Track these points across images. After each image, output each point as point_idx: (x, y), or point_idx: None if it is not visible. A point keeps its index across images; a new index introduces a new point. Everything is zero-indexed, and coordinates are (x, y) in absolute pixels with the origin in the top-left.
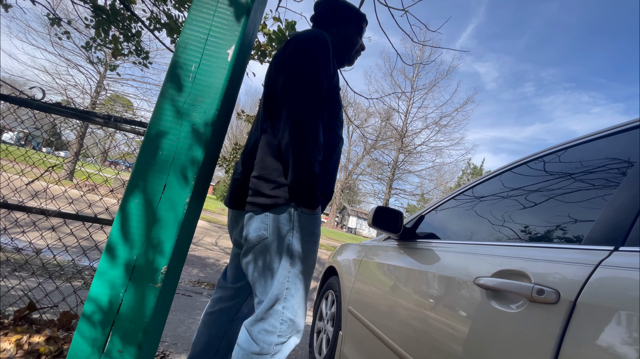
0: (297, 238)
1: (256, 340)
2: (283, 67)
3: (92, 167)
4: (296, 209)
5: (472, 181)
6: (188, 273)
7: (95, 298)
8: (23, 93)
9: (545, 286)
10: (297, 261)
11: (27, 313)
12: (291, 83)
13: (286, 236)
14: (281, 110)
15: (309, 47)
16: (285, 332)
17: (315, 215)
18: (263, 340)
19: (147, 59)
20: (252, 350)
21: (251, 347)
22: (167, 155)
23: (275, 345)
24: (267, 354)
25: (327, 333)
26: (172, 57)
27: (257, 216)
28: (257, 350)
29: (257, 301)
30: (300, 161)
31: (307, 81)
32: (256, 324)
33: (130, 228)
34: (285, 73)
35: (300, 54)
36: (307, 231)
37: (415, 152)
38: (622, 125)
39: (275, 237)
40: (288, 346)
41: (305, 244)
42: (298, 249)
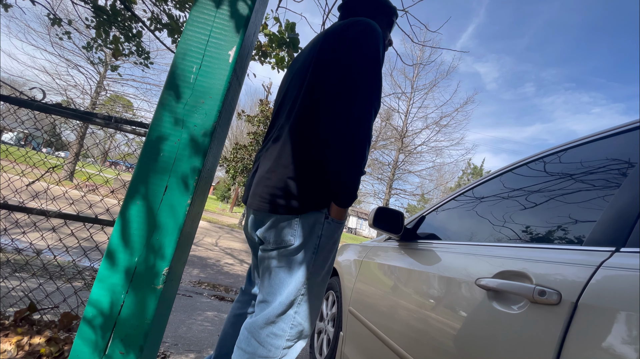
0: (322, 247)
1: (264, 343)
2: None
3: (92, 167)
4: (327, 217)
5: (473, 181)
6: (189, 274)
7: (95, 303)
8: (23, 94)
9: (546, 287)
10: (318, 268)
11: (28, 314)
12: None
13: (313, 244)
14: (332, 108)
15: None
16: (293, 336)
17: (342, 224)
18: (271, 343)
19: (148, 59)
20: (259, 353)
21: (257, 350)
22: (169, 157)
23: (282, 349)
24: (273, 358)
25: (327, 333)
26: (173, 58)
27: (286, 220)
28: (264, 353)
29: (262, 299)
30: (354, 168)
31: (374, 80)
32: (266, 327)
33: (130, 233)
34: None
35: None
36: (331, 239)
37: (416, 152)
38: (623, 126)
39: (301, 243)
40: (295, 350)
41: (328, 252)
42: (321, 257)
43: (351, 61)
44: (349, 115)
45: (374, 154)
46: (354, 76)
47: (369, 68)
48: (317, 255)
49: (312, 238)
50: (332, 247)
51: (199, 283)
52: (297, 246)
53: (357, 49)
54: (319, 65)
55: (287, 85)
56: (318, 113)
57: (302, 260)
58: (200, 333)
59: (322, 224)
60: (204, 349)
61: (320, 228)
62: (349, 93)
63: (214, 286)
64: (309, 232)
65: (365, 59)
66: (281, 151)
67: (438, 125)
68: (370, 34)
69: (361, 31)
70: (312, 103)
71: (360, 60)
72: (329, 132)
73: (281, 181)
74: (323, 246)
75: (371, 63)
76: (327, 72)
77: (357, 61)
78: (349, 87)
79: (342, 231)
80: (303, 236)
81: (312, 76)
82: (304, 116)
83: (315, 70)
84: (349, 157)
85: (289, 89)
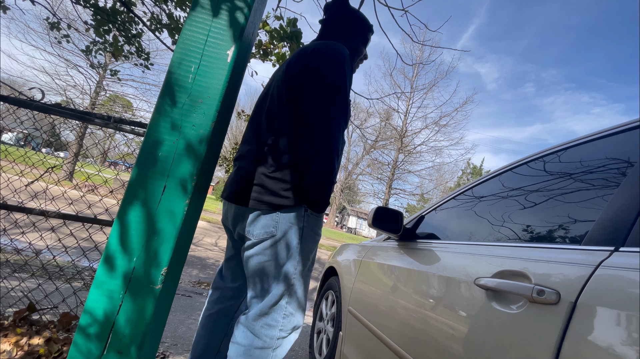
0: (304, 238)
1: (259, 334)
2: (311, 77)
3: (91, 167)
4: (306, 210)
5: (473, 181)
6: (188, 274)
7: (92, 309)
8: (22, 94)
9: (545, 286)
10: (302, 259)
11: (27, 314)
12: (323, 98)
13: (295, 236)
14: (308, 117)
15: (340, 62)
16: (286, 326)
17: (321, 217)
18: (266, 334)
19: (148, 60)
20: (255, 345)
21: (253, 342)
22: (166, 157)
23: (277, 339)
24: (269, 348)
25: (327, 333)
26: (172, 58)
27: (267, 215)
28: (260, 344)
29: (254, 294)
30: (325, 169)
31: (338, 96)
32: (259, 319)
33: (128, 236)
34: (315, 84)
35: (332, 70)
36: (313, 231)
37: (415, 152)
38: (622, 125)
39: (284, 236)
40: (289, 340)
41: (310, 243)
42: (304, 248)
43: (317, 87)
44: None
45: (374, 154)
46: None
47: (333, 94)
48: (302, 245)
49: (294, 229)
50: (314, 238)
51: (199, 283)
52: (281, 236)
53: (320, 78)
54: (289, 82)
55: (269, 90)
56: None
57: (287, 250)
58: None
59: (302, 216)
60: None
61: (302, 219)
62: (318, 117)
63: None
64: (291, 224)
65: (328, 86)
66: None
67: (437, 124)
68: (333, 63)
69: (324, 61)
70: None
71: (324, 87)
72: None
73: (264, 180)
74: (306, 237)
75: (334, 90)
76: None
77: (321, 89)
78: (317, 111)
79: (322, 224)
80: (285, 228)
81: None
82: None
83: (287, 84)
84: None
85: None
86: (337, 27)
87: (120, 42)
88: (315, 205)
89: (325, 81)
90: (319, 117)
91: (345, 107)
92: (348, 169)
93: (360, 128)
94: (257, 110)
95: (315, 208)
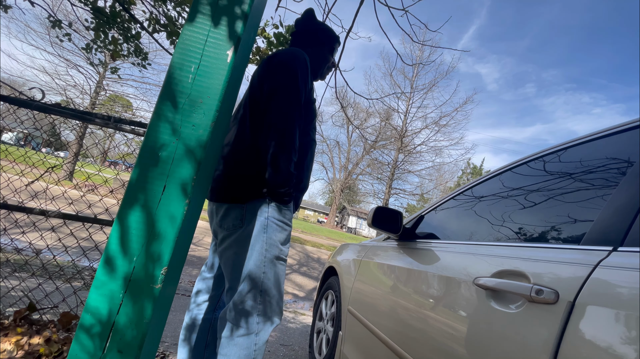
0: (270, 227)
1: (238, 323)
2: (266, 80)
3: (91, 167)
4: (270, 202)
5: (472, 181)
6: (188, 274)
7: (93, 309)
8: (22, 94)
9: (544, 286)
10: (271, 247)
11: (27, 314)
12: (274, 96)
13: (260, 226)
14: (263, 116)
15: (291, 64)
16: (263, 311)
17: (289, 208)
18: (245, 321)
19: (145, 60)
20: (238, 334)
21: (235, 332)
22: (167, 157)
23: (257, 324)
24: (251, 334)
25: (327, 333)
26: (172, 58)
27: (234, 208)
28: (242, 332)
29: (229, 287)
30: (278, 163)
31: (289, 94)
32: (236, 307)
33: (128, 236)
34: (268, 85)
35: (284, 70)
36: (280, 221)
37: (415, 152)
38: (622, 125)
39: (250, 226)
40: (269, 325)
41: (278, 232)
42: (271, 237)
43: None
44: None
45: (374, 154)
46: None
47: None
48: (269, 234)
49: (260, 219)
50: (282, 227)
51: None
52: (247, 227)
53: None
54: (252, 88)
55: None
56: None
57: (255, 240)
58: None
59: (267, 206)
60: None
61: (266, 210)
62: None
63: None
64: (256, 214)
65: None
66: (228, 153)
67: (437, 124)
68: (285, 65)
69: (277, 63)
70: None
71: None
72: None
73: (230, 177)
74: (273, 227)
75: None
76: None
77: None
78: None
79: (291, 216)
80: (250, 219)
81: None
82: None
83: (250, 92)
84: (276, 164)
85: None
86: (303, 38)
87: (120, 41)
88: (275, 195)
89: (276, 81)
90: (273, 118)
91: (296, 106)
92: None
93: (360, 128)
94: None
95: (276, 198)
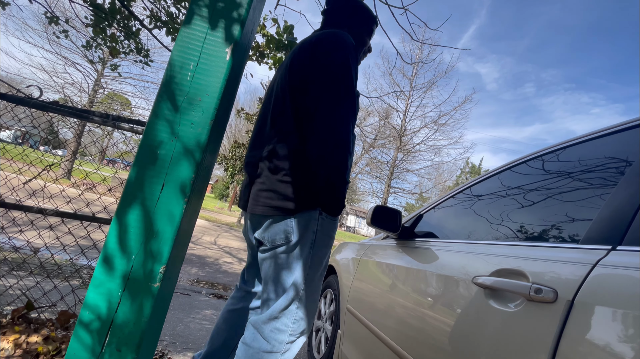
0: (318, 243)
1: (268, 338)
2: (316, 73)
3: (90, 165)
4: (321, 214)
5: (471, 180)
6: (187, 272)
7: (91, 307)
8: (20, 92)
9: (543, 285)
10: (315, 265)
11: (25, 312)
12: (329, 92)
13: (309, 240)
14: (315, 114)
15: (344, 54)
16: (296, 331)
17: (336, 220)
18: (275, 338)
19: (147, 57)
20: (263, 348)
21: (262, 345)
22: (165, 155)
23: (286, 343)
24: (277, 353)
25: (325, 331)
26: (170, 56)
27: (281, 220)
28: (269, 348)
29: (266, 297)
30: (338, 168)
31: (345, 89)
32: (269, 322)
33: (126, 234)
34: (320, 80)
35: (336, 61)
36: (327, 235)
37: (414, 151)
38: (621, 125)
39: (298, 240)
40: (297, 345)
41: (324, 248)
42: (318, 253)
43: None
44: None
45: (373, 153)
46: (327, 97)
47: (338, 89)
48: (315, 250)
49: (308, 234)
50: (327, 242)
51: (197, 282)
52: (294, 243)
53: (324, 71)
54: (293, 77)
55: (272, 92)
56: (298, 123)
57: (300, 256)
58: (199, 331)
59: (316, 221)
60: (202, 347)
61: (315, 224)
62: (325, 114)
63: (212, 284)
64: (305, 229)
65: (333, 80)
66: (269, 158)
67: (436, 123)
68: (337, 53)
69: (327, 52)
70: (292, 113)
71: (329, 81)
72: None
73: (277, 185)
74: (319, 242)
75: (340, 83)
76: (299, 81)
77: (326, 83)
78: (325, 107)
79: (337, 227)
80: (299, 234)
81: (291, 91)
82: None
83: (290, 82)
84: (332, 172)
85: (270, 96)
86: (340, 15)
87: (120, 38)
88: (329, 207)
89: (329, 74)
90: (326, 113)
91: (353, 100)
92: None
93: (359, 127)
94: (262, 113)
95: (330, 210)
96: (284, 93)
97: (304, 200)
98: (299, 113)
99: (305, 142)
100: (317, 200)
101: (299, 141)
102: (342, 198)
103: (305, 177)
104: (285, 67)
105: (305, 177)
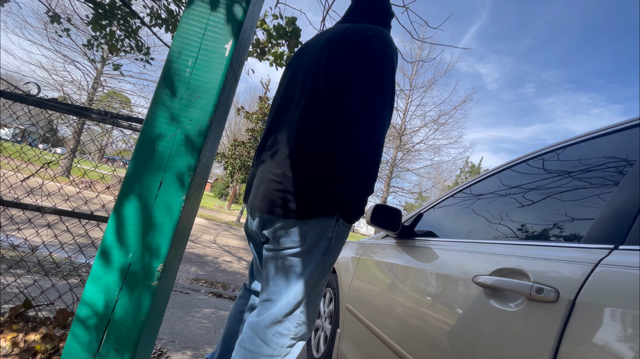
0: (330, 250)
1: (269, 343)
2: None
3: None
4: (337, 220)
5: (471, 179)
6: (186, 271)
7: (89, 302)
8: (18, 89)
9: (544, 284)
10: (324, 271)
11: (23, 311)
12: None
13: (323, 246)
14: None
15: (391, 60)
16: (297, 335)
17: (350, 227)
18: (276, 342)
19: (148, 55)
20: (264, 353)
21: (262, 349)
22: (163, 152)
23: (287, 347)
24: (278, 356)
25: (324, 330)
26: (169, 51)
27: (296, 223)
28: (270, 353)
29: (267, 298)
30: (367, 178)
31: (389, 98)
32: (272, 326)
33: (124, 230)
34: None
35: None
36: (340, 242)
37: (414, 150)
38: (622, 124)
39: (312, 245)
40: (297, 348)
41: (334, 255)
42: (328, 260)
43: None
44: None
45: None
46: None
47: (384, 96)
48: (327, 257)
49: (323, 241)
50: (339, 249)
51: (197, 280)
52: (308, 248)
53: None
54: (331, 71)
55: (290, 84)
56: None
57: (311, 261)
58: (198, 330)
59: (332, 227)
60: (200, 346)
61: (331, 231)
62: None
63: (211, 283)
64: (320, 235)
65: (380, 86)
66: (292, 156)
67: (436, 123)
68: (385, 58)
69: (376, 53)
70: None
71: (376, 87)
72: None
73: (294, 187)
74: (332, 248)
75: (386, 90)
76: (341, 80)
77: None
78: (366, 113)
79: (349, 233)
80: (314, 239)
81: (324, 82)
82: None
83: (326, 76)
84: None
85: (294, 89)
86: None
87: (121, 36)
88: (349, 215)
89: (377, 80)
90: (369, 119)
91: (392, 111)
92: None
93: None
94: (280, 106)
95: (349, 218)
96: (315, 88)
97: (324, 206)
98: (333, 114)
99: (336, 143)
100: (338, 206)
101: (329, 145)
102: (364, 206)
103: (329, 183)
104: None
105: (330, 183)
